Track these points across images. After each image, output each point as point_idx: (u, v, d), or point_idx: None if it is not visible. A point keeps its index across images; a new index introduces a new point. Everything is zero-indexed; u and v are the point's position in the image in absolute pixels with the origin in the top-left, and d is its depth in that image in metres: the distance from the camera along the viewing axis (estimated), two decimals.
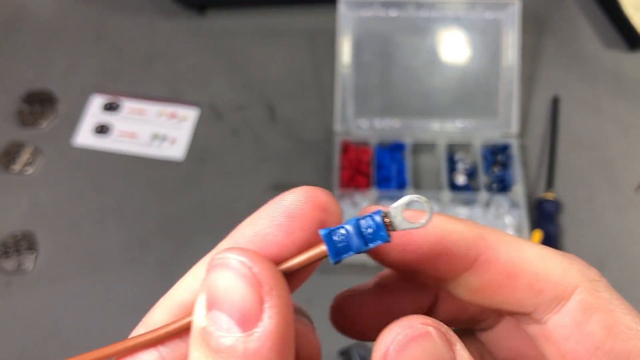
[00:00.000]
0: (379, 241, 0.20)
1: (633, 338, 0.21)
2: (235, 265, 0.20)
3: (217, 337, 0.20)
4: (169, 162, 0.75)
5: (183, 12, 0.87)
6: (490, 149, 0.74)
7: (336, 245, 0.20)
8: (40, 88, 0.81)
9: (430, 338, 0.20)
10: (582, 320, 0.22)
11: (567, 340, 0.22)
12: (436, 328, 0.20)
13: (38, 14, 0.89)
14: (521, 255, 0.23)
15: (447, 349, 0.20)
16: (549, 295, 0.22)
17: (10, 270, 0.67)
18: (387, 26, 0.77)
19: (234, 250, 0.21)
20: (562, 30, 0.86)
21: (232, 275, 0.20)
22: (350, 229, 0.20)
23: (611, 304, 0.22)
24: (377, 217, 0.20)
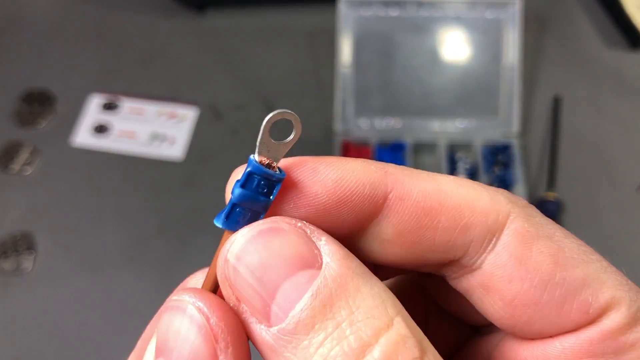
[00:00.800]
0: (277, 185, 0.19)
1: (582, 263, 0.19)
2: (191, 312, 0.18)
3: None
4: (168, 162, 0.75)
5: (182, 11, 0.87)
6: (491, 149, 0.74)
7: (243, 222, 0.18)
8: (39, 87, 0.81)
9: (276, 234, 0.18)
10: (523, 252, 0.19)
11: (510, 282, 0.19)
12: (283, 222, 0.18)
13: (37, 14, 0.89)
14: (438, 187, 0.19)
15: (305, 243, 0.17)
16: (479, 229, 0.19)
17: (9, 270, 0.67)
18: (388, 25, 0.76)
19: (191, 292, 0.18)
20: (563, 30, 0.85)
21: (186, 322, 0.18)
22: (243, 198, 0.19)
23: (548, 228, 0.19)
24: (253, 168, 0.19)
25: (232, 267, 0.17)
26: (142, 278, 0.67)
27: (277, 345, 0.16)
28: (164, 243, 0.69)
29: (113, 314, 0.65)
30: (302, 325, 0.16)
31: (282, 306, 0.17)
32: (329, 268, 0.17)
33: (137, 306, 0.65)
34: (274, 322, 0.17)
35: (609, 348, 0.18)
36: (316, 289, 0.16)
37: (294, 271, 0.17)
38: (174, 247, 0.69)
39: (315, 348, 0.16)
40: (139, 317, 0.64)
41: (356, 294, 0.16)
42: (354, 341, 0.16)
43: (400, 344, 0.16)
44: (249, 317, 0.17)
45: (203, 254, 0.67)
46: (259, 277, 0.17)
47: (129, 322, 0.64)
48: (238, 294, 0.17)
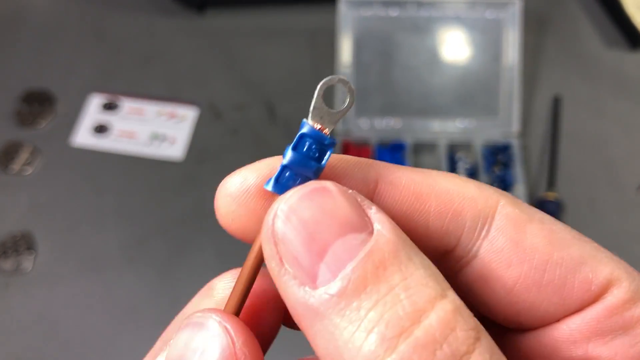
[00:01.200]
0: (329, 150, 0.18)
1: (575, 244, 0.19)
2: (216, 332, 0.17)
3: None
4: (168, 162, 0.75)
5: (182, 11, 0.87)
6: (491, 149, 0.74)
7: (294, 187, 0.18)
8: (39, 87, 0.81)
9: (329, 194, 0.17)
10: (518, 235, 0.19)
11: (509, 267, 0.19)
12: (337, 186, 0.17)
13: (37, 13, 0.88)
14: (425, 175, 0.20)
15: (357, 209, 0.17)
16: (470, 213, 0.19)
17: (9, 270, 0.67)
18: (388, 25, 0.76)
19: (217, 312, 0.18)
20: (563, 30, 0.85)
21: (209, 341, 0.17)
22: (295, 161, 0.18)
23: (537, 214, 0.20)
24: (307, 130, 0.18)
25: (283, 221, 0.17)
26: (142, 278, 0.67)
27: (322, 308, 0.16)
28: (164, 243, 0.69)
29: (113, 314, 0.65)
30: (353, 286, 0.15)
31: (332, 266, 0.16)
32: (381, 235, 0.16)
33: (137, 306, 0.65)
34: (320, 282, 0.16)
35: (616, 324, 0.18)
36: (369, 250, 0.16)
37: (345, 232, 0.16)
38: (174, 247, 0.69)
39: (367, 310, 0.15)
40: (139, 317, 0.64)
41: (409, 262, 0.16)
42: (408, 305, 0.15)
43: (457, 313, 0.15)
44: (291, 280, 0.16)
45: (203, 254, 0.67)
46: (310, 233, 0.16)
47: (129, 322, 0.64)
48: (284, 251, 0.17)
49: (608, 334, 0.18)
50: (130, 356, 0.62)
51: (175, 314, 0.24)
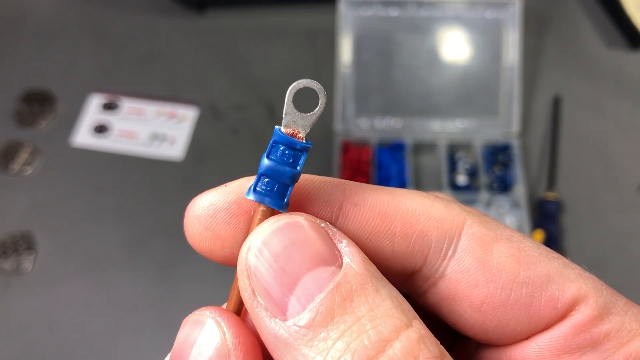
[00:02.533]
0: (303, 154, 0.19)
1: (544, 261, 0.19)
2: (209, 326, 0.18)
3: None
4: (168, 162, 0.75)
5: (182, 11, 0.87)
6: (491, 149, 0.74)
7: (271, 194, 0.18)
8: (39, 88, 0.81)
9: (301, 228, 0.17)
10: (485, 255, 0.19)
11: (476, 287, 0.19)
12: (311, 221, 0.18)
13: (37, 14, 0.88)
14: (392, 196, 0.19)
15: (327, 242, 0.17)
16: (436, 234, 0.19)
17: (8, 270, 0.67)
18: (388, 25, 0.76)
19: (213, 309, 0.19)
20: (563, 30, 0.85)
21: (203, 335, 0.18)
22: (269, 168, 0.19)
23: (506, 231, 0.19)
24: (278, 137, 0.19)
25: (255, 255, 0.17)
26: (142, 278, 0.67)
27: (292, 338, 0.16)
28: (164, 243, 0.69)
29: (113, 314, 0.65)
30: (321, 317, 0.16)
31: (301, 298, 0.16)
32: (350, 268, 0.17)
33: (137, 306, 0.65)
34: (290, 314, 0.16)
35: (584, 341, 0.18)
36: (337, 282, 0.16)
37: (315, 265, 0.17)
38: (174, 247, 0.69)
39: (334, 341, 0.16)
40: (139, 317, 0.64)
41: (375, 294, 0.17)
42: (373, 335, 0.16)
43: (420, 342, 0.16)
44: (263, 312, 0.17)
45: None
46: (281, 267, 0.17)
47: (129, 322, 0.64)
48: (256, 283, 0.17)
49: (576, 351, 0.18)
50: (130, 356, 0.62)
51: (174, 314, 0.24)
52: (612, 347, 0.18)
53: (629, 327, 0.18)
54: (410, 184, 0.71)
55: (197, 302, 0.55)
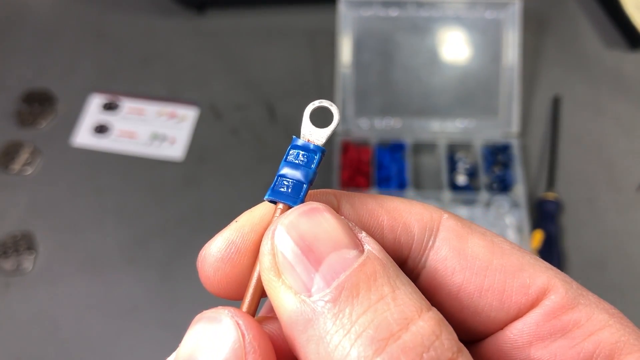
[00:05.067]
0: (317, 155, 0.20)
1: (515, 253, 0.20)
2: (227, 325, 0.18)
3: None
4: (169, 162, 0.75)
5: (182, 11, 0.87)
6: (491, 149, 0.74)
7: (288, 193, 0.20)
8: (39, 88, 0.81)
9: (325, 214, 0.19)
10: (460, 244, 0.20)
11: (453, 274, 0.20)
12: (331, 210, 0.19)
13: (37, 14, 0.89)
14: (375, 199, 0.21)
15: (347, 231, 0.18)
16: (417, 226, 0.21)
17: (9, 270, 0.67)
18: (388, 26, 0.76)
19: (230, 309, 0.19)
20: (562, 30, 0.85)
21: (220, 335, 0.18)
22: (287, 169, 0.20)
23: (480, 228, 0.21)
24: (295, 142, 0.21)
25: (283, 234, 0.18)
26: (142, 278, 0.67)
27: (316, 314, 0.17)
28: (164, 243, 0.69)
29: (113, 314, 0.65)
30: (346, 293, 0.17)
31: (326, 275, 0.17)
32: (372, 253, 0.18)
33: (137, 306, 0.65)
34: (315, 290, 0.17)
35: (554, 327, 0.19)
36: (362, 262, 0.17)
37: (340, 246, 0.18)
38: (174, 247, 0.69)
39: (357, 316, 0.16)
40: (139, 317, 0.64)
41: (396, 278, 0.17)
42: (397, 313, 0.16)
43: (441, 324, 0.17)
44: (286, 290, 0.17)
45: None
46: (308, 245, 0.18)
47: (129, 322, 0.64)
48: (282, 261, 0.18)
49: (547, 338, 0.19)
50: (130, 356, 0.62)
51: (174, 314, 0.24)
52: (581, 335, 0.19)
53: (598, 317, 0.19)
54: (410, 184, 0.71)
55: (197, 302, 0.55)
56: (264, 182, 0.72)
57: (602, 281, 0.66)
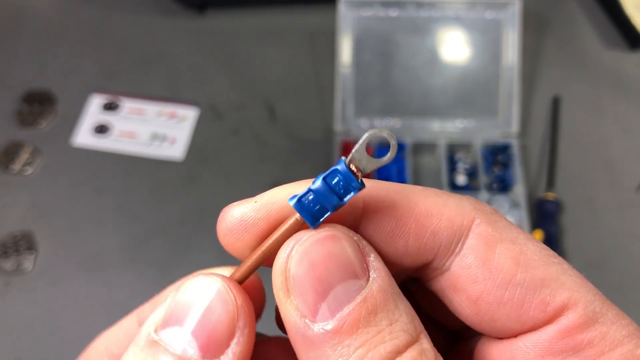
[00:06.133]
0: (353, 192, 0.20)
1: (542, 265, 0.20)
2: (221, 291, 0.20)
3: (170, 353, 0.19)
4: (169, 162, 0.75)
5: (183, 11, 0.87)
6: (491, 149, 0.74)
7: (311, 210, 0.20)
8: (39, 88, 0.81)
9: (339, 241, 0.19)
10: (487, 254, 0.20)
11: (475, 282, 0.20)
12: (347, 235, 0.20)
13: (38, 14, 0.89)
14: (407, 197, 0.21)
15: (359, 256, 0.19)
16: (446, 233, 0.21)
17: (9, 270, 0.67)
18: (387, 26, 0.77)
19: (219, 276, 0.21)
20: (562, 30, 0.85)
21: (214, 298, 0.20)
22: (320, 189, 0.20)
23: (512, 232, 0.21)
24: (340, 167, 0.20)
25: (296, 261, 0.19)
26: (142, 278, 0.67)
27: (318, 340, 0.18)
28: (164, 243, 0.69)
29: (113, 314, 0.65)
30: (348, 327, 0.18)
31: (331, 306, 0.19)
32: (376, 282, 0.19)
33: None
34: (319, 318, 0.19)
35: (567, 346, 0.20)
36: (365, 296, 0.19)
37: (347, 278, 0.19)
38: (174, 247, 0.69)
39: (355, 348, 0.18)
40: None
41: (395, 310, 0.19)
42: (390, 347, 0.18)
43: (422, 355, 0.19)
44: (294, 311, 0.19)
45: (203, 253, 0.67)
46: (318, 275, 0.19)
47: None
48: (293, 286, 0.19)
49: (559, 354, 0.20)
50: None
51: None
52: (593, 355, 0.19)
53: (612, 336, 0.19)
54: (410, 184, 0.71)
55: None
56: (264, 182, 0.72)
57: (602, 281, 0.66)
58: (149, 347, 0.20)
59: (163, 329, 0.20)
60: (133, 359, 0.20)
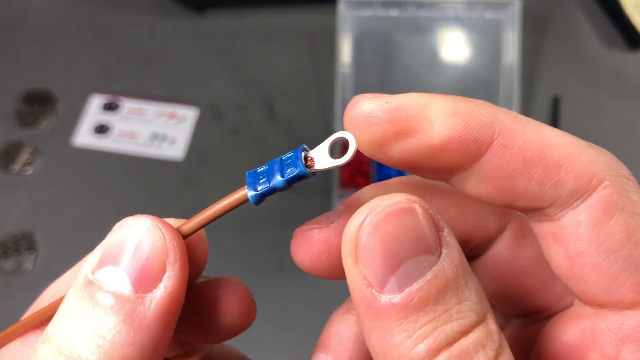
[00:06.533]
0: (296, 174, 0.20)
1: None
2: (149, 229, 0.21)
3: (105, 291, 0.20)
4: (169, 162, 0.75)
5: (183, 11, 0.87)
6: None
7: (257, 183, 0.20)
8: (39, 88, 0.81)
9: (414, 215, 0.19)
10: (602, 219, 0.19)
11: (579, 241, 0.19)
12: (423, 207, 0.19)
13: (38, 14, 0.89)
14: (542, 139, 0.19)
15: (432, 231, 0.19)
16: (570, 187, 0.19)
17: (9, 270, 0.67)
18: (387, 26, 0.77)
19: (147, 216, 0.21)
20: (562, 30, 0.85)
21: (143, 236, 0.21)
22: (271, 164, 0.20)
23: (637, 206, 0.19)
24: (298, 152, 0.20)
25: (368, 232, 0.18)
26: None
27: (384, 312, 0.18)
28: None
29: None
30: (416, 302, 0.18)
31: (401, 280, 0.18)
32: (447, 260, 0.18)
33: None
34: (387, 291, 0.18)
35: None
36: (436, 273, 0.18)
37: (419, 253, 0.18)
38: None
39: (421, 324, 0.18)
40: None
41: (464, 288, 0.18)
42: (456, 326, 0.18)
43: (488, 336, 0.18)
44: (361, 279, 0.18)
45: None
46: (389, 248, 0.18)
47: None
48: (362, 255, 0.19)
49: None
50: None
51: None
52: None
53: None
54: None
55: None
56: None
57: None
58: (86, 287, 0.20)
59: (99, 270, 0.21)
60: (72, 300, 0.20)
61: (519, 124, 0.20)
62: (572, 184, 0.19)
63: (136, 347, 0.19)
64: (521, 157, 0.19)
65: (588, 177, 0.19)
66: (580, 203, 0.19)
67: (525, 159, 0.19)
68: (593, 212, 0.19)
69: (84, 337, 0.19)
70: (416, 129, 0.20)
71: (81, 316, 0.20)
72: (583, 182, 0.19)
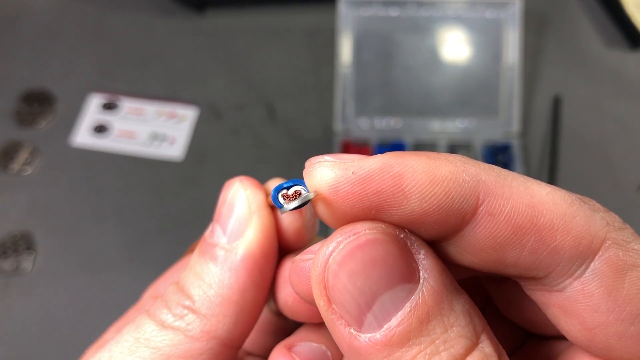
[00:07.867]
0: None
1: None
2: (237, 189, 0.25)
3: (207, 242, 0.24)
4: (168, 162, 0.75)
5: (182, 11, 0.87)
6: (491, 149, 0.74)
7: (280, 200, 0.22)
8: (38, 87, 0.81)
9: (381, 244, 0.17)
10: (615, 283, 0.17)
11: (595, 312, 0.17)
12: (391, 234, 0.17)
13: (36, 14, 0.88)
14: (531, 200, 0.18)
15: (405, 258, 0.17)
16: (569, 253, 0.17)
17: (8, 270, 0.67)
18: (388, 25, 0.76)
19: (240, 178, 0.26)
20: (563, 30, 0.85)
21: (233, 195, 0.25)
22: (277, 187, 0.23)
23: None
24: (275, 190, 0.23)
25: (333, 272, 0.17)
26: (142, 278, 0.67)
27: (366, 352, 0.17)
28: (164, 243, 0.69)
29: (113, 314, 0.65)
30: (397, 338, 0.16)
31: (378, 316, 0.17)
32: (427, 284, 0.17)
33: None
34: (365, 329, 0.17)
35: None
36: (414, 304, 0.16)
37: (393, 284, 0.17)
38: (174, 247, 0.69)
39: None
40: None
41: (450, 313, 0.17)
42: (445, 357, 0.16)
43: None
44: (337, 320, 0.17)
45: None
46: (359, 286, 0.17)
47: None
48: (333, 297, 0.17)
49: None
50: None
51: None
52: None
53: None
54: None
55: None
56: (263, 182, 0.72)
57: None
58: (201, 240, 0.26)
59: (211, 226, 0.26)
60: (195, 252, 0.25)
61: (504, 184, 0.18)
62: (571, 249, 0.17)
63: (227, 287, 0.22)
64: (510, 225, 0.17)
65: (588, 240, 0.17)
66: (584, 270, 0.17)
67: (514, 227, 0.17)
68: (604, 278, 0.17)
69: (193, 279, 0.24)
70: (389, 205, 0.18)
71: (194, 263, 0.25)
72: (583, 246, 0.17)
